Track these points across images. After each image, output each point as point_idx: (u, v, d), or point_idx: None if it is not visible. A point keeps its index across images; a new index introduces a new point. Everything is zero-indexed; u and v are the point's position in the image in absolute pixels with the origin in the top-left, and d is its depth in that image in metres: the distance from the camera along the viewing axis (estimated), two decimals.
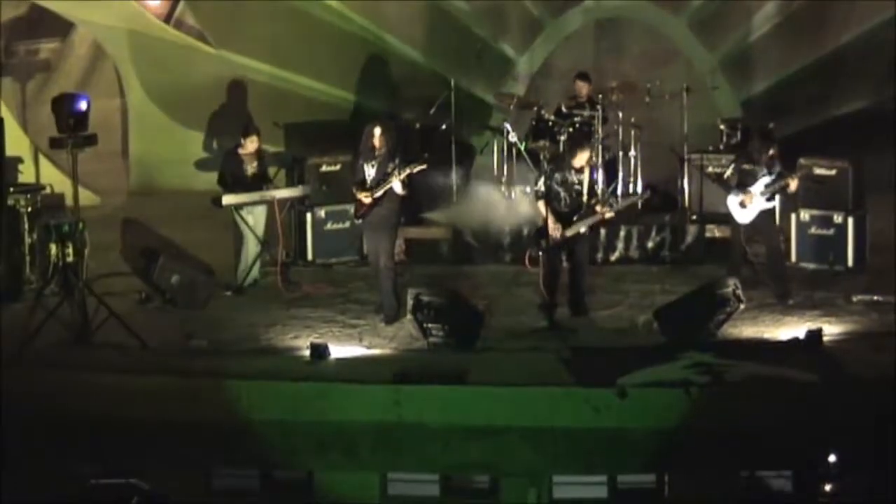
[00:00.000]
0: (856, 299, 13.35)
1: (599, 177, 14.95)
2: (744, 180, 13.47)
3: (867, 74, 16.98)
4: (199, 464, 11.09)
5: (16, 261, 13.68)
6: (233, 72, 17.43)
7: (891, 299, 13.05)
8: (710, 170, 15.07)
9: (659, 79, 16.10)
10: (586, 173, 12.94)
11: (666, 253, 14.95)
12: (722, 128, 15.71)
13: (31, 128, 16.90)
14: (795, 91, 17.20)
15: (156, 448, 10.95)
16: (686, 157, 15.38)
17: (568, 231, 12.80)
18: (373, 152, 12.96)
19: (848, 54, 17.08)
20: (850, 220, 14.31)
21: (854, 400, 10.82)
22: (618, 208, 13.36)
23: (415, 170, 12.91)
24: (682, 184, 15.36)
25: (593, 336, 12.56)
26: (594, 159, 14.45)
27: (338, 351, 12.03)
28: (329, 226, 14.99)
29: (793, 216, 14.56)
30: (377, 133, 12.94)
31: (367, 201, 12.95)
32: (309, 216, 14.93)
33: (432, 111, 15.90)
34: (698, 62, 17.55)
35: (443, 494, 11.03)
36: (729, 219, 13.71)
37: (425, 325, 12.26)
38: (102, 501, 10.45)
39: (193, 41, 17.28)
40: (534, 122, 15.70)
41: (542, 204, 12.88)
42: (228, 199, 13.91)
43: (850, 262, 14.31)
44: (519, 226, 14.60)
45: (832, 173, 14.43)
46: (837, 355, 11.74)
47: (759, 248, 13.89)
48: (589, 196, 12.95)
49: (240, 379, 11.26)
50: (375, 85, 17.51)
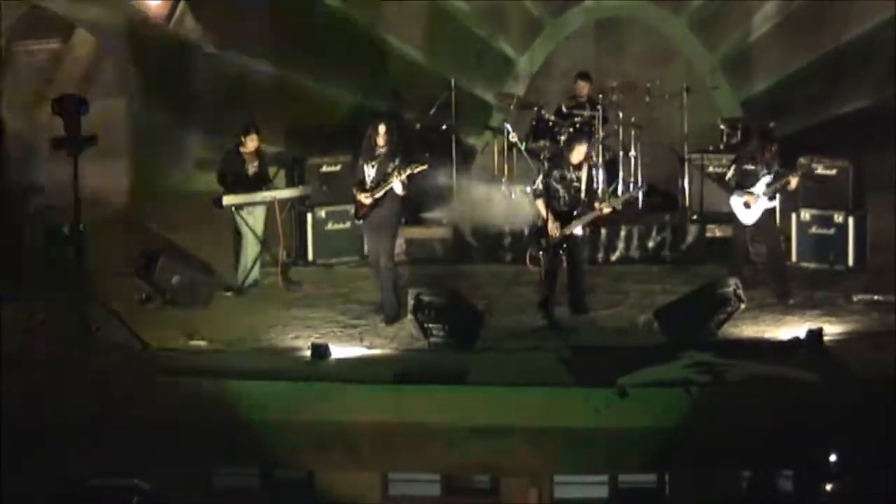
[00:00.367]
0: (856, 299, 13.36)
1: (599, 175, 14.95)
2: (745, 180, 13.47)
3: (867, 74, 16.95)
4: (199, 464, 11.09)
5: (16, 261, 13.67)
6: (233, 72, 17.41)
7: (891, 299, 13.06)
8: (711, 169, 15.09)
9: (659, 79, 16.10)
10: (584, 170, 12.92)
11: (666, 253, 14.96)
12: (722, 128, 15.72)
13: (32, 128, 16.88)
14: (796, 91, 17.17)
15: (156, 448, 10.94)
16: (686, 156, 15.39)
17: (567, 229, 12.80)
18: (374, 151, 12.94)
19: (848, 54, 17.05)
20: (851, 220, 14.32)
21: (854, 399, 10.82)
22: (615, 204, 13.35)
23: (415, 170, 12.90)
24: (683, 184, 15.36)
25: (594, 336, 12.56)
26: (593, 157, 14.44)
27: (338, 351, 12.03)
28: (329, 226, 15.00)
29: (793, 215, 14.58)
30: (382, 130, 12.92)
31: (367, 202, 12.94)
32: (309, 216, 14.95)
33: (432, 111, 15.91)
34: (698, 62, 17.52)
35: (443, 494, 11.04)
36: (731, 219, 13.71)
37: (426, 324, 12.27)
38: (102, 501, 10.45)
39: (193, 41, 17.26)
40: (534, 122, 15.69)
41: (540, 203, 12.87)
42: (229, 200, 13.91)
43: (850, 262, 14.33)
44: (519, 225, 14.60)
45: (833, 173, 14.45)
46: (838, 355, 11.74)
47: (760, 248, 13.89)
48: (587, 193, 12.95)
49: (240, 379, 11.27)
50: (375, 85, 17.49)
